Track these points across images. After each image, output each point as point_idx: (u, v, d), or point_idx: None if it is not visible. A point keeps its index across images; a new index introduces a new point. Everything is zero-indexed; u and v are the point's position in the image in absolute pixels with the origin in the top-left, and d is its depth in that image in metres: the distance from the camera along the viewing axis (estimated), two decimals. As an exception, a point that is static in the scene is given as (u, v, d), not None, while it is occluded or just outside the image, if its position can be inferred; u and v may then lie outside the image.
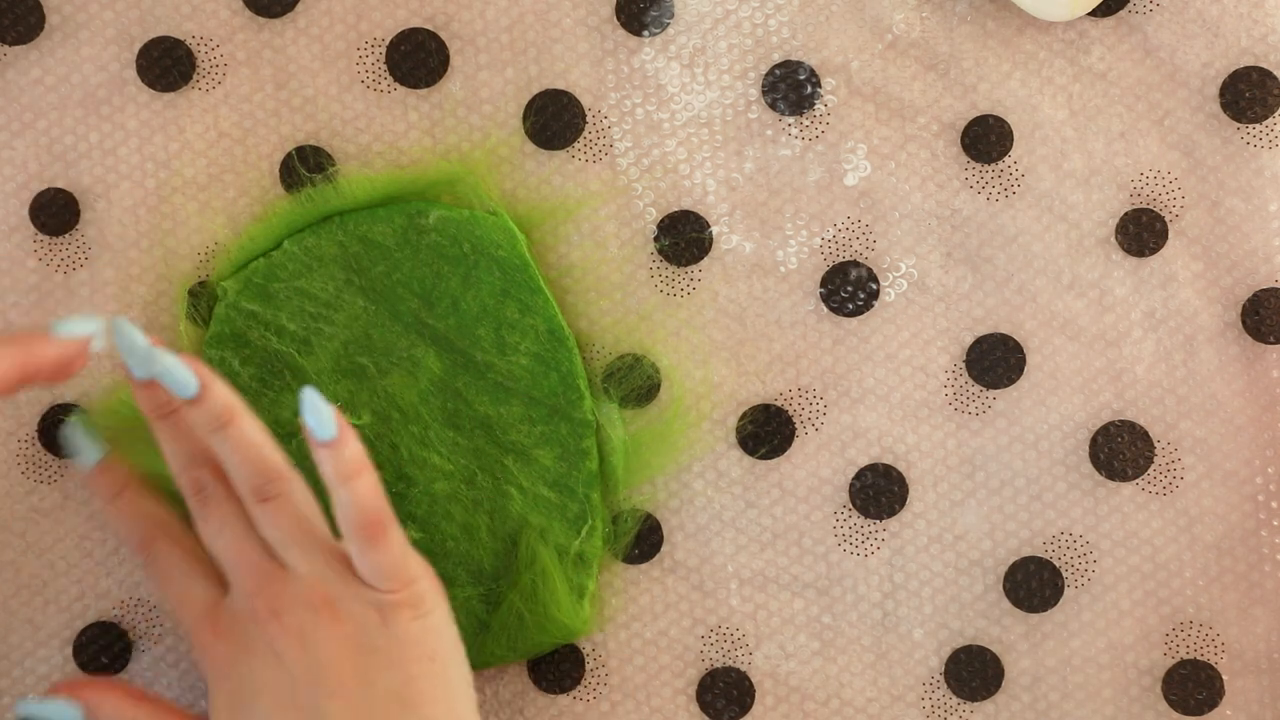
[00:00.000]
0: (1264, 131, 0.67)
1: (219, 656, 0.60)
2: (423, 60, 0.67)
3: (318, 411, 0.58)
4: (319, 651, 0.59)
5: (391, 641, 0.59)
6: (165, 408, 0.61)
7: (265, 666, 0.59)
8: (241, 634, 0.60)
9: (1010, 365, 0.67)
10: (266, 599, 0.60)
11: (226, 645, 0.60)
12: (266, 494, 0.60)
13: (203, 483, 0.62)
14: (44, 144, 0.67)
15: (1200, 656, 0.67)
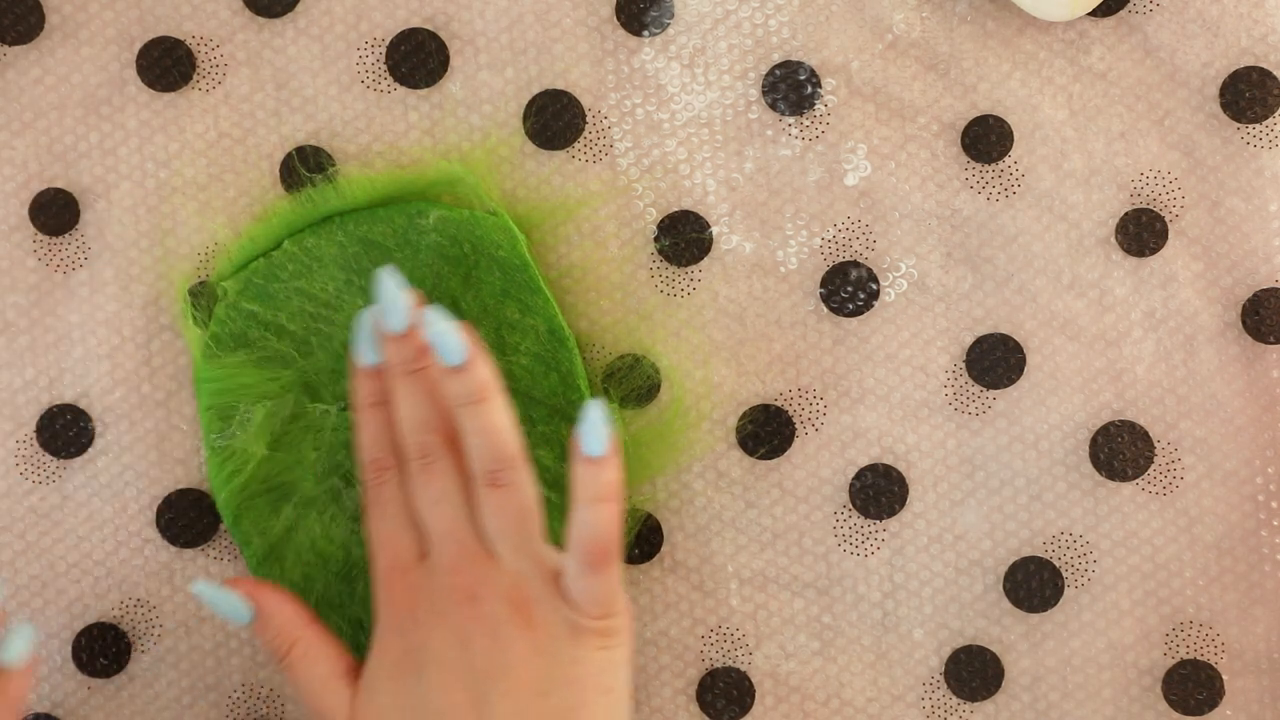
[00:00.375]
0: (1264, 131, 0.67)
1: (400, 612, 0.60)
2: (423, 60, 0.67)
3: (596, 428, 0.59)
4: (507, 648, 0.59)
5: (575, 663, 0.59)
6: (412, 364, 0.61)
7: (447, 643, 0.59)
8: (431, 601, 0.60)
9: (1010, 365, 0.67)
10: (468, 580, 0.60)
11: (413, 605, 0.60)
12: (500, 480, 0.60)
13: (430, 448, 0.62)
14: (44, 144, 0.67)
15: (1200, 656, 0.67)
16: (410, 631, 0.60)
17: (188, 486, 0.67)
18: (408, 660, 0.60)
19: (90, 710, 0.67)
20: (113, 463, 0.67)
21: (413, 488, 0.62)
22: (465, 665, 0.59)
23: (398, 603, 0.61)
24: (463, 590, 0.60)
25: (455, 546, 0.60)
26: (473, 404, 0.60)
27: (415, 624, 0.60)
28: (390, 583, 0.61)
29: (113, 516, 0.67)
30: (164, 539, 0.67)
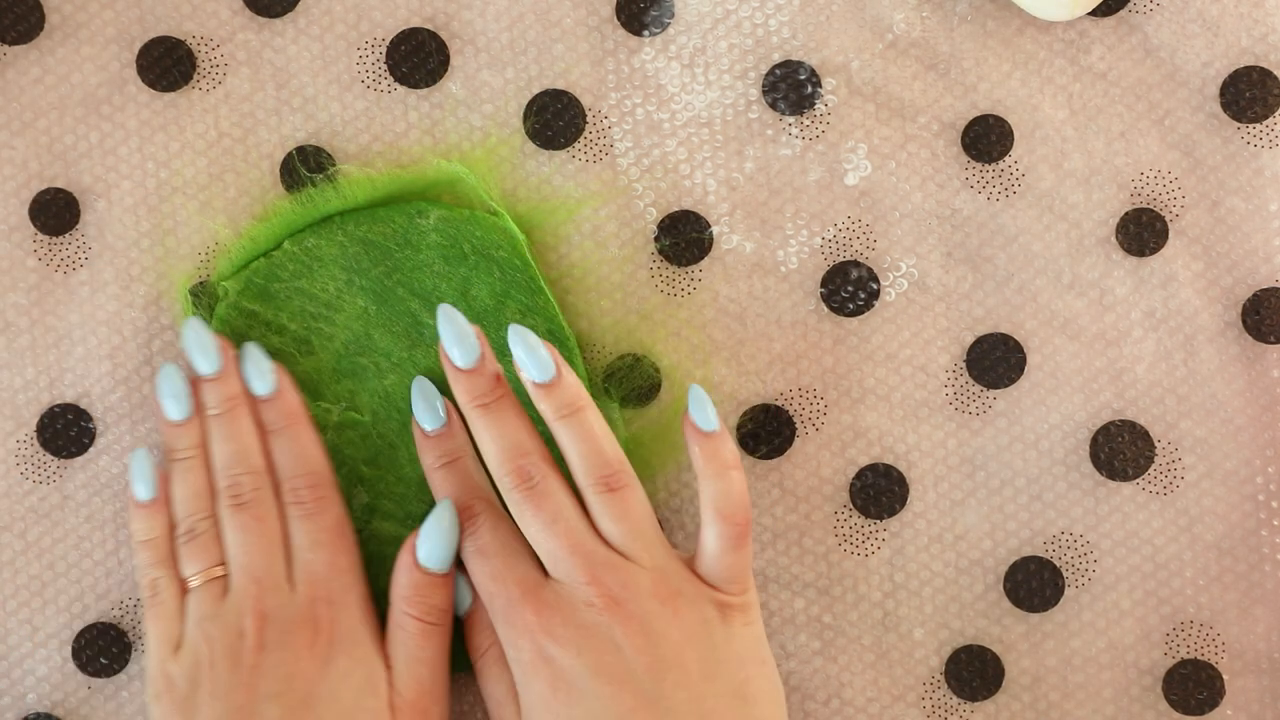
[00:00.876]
0: (1264, 131, 0.67)
1: (536, 637, 0.60)
2: (423, 60, 0.67)
3: (704, 405, 0.61)
4: (663, 643, 0.59)
5: (729, 641, 0.60)
6: (488, 396, 0.62)
7: (601, 652, 0.59)
8: (571, 618, 0.59)
9: (1011, 365, 0.67)
10: (607, 587, 0.59)
11: (550, 626, 0.60)
12: (615, 483, 0.61)
13: (530, 471, 0.61)
14: (44, 144, 0.67)
15: (1201, 656, 0.67)
16: (556, 654, 0.59)
17: (188, 486, 0.67)
18: (563, 684, 0.59)
19: (90, 710, 0.67)
20: (113, 463, 0.67)
21: (521, 515, 0.61)
22: (625, 669, 0.59)
23: (531, 628, 0.60)
24: (604, 597, 0.59)
25: (583, 558, 0.60)
26: (570, 415, 0.61)
27: (559, 643, 0.59)
28: (519, 613, 0.60)
29: (113, 516, 0.67)
30: (164, 539, 0.67)
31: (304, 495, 0.63)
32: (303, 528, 0.63)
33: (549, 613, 0.60)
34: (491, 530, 0.62)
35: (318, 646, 0.61)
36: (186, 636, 0.62)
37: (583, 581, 0.60)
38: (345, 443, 0.66)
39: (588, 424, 0.61)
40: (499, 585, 0.61)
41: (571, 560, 0.60)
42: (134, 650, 0.67)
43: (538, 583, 0.61)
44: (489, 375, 0.62)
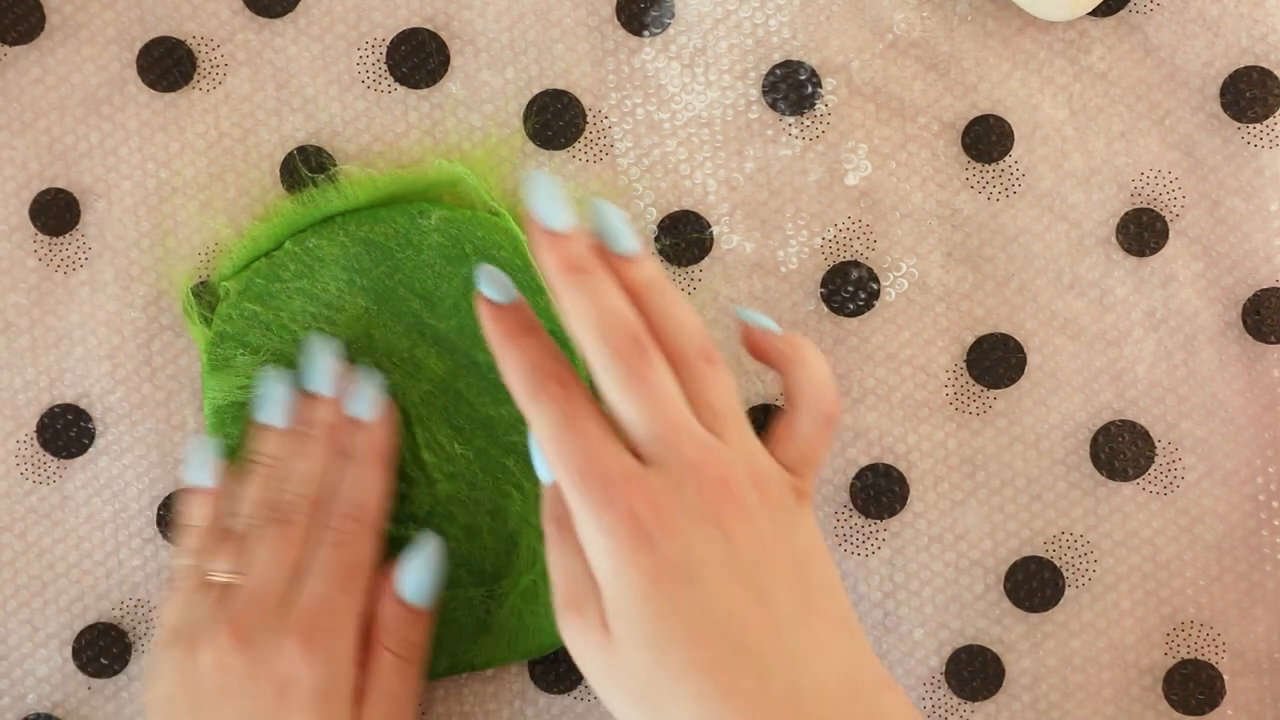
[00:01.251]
0: (1264, 131, 0.67)
1: (644, 524, 0.54)
2: (423, 60, 0.67)
3: (757, 319, 0.59)
4: (762, 530, 0.55)
5: (804, 528, 0.56)
6: (584, 261, 0.57)
7: (708, 540, 0.54)
8: (680, 505, 0.54)
9: (1011, 365, 0.67)
10: (719, 470, 0.55)
11: (658, 512, 0.54)
12: (713, 356, 0.57)
13: (641, 338, 0.56)
14: (44, 144, 0.67)
15: (1201, 656, 0.67)
16: (665, 541, 0.54)
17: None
18: (672, 572, 0.53)
19: (90, 710, 0.67)
20: (113, 463, 0.67)
21: (624, 390, 0.55)
22: (733, 558, 0.54)
23: (638, 515, 0.54)
24: (718, 482, 0.54)
25: (689, 438, 0.55)
26: (659, 289, 0.57)
27: (666, 532, 0.54)
28: (619, 499, 0.54)
29: (113, 516, 0.67)
30: (164, 539, 0.67)
31: (343, 524, 0.63)
32: (322, 555, 0.62)
33: (657, 501, 0.54)
34: (586, 401, 0.56)
35: (279, 688, 0.60)
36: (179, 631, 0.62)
37: (691, 465, 0.54)
38: None
39: (677, 296, 0.57)
40: (592, 464, 0.55)
41: (680, 443, 0.55)
42: (134, 650, 0.67)
43: (638, 468, 0.55)
44: (584, 242, 0.57)
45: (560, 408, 0.56)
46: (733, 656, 0.53)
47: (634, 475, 0.54)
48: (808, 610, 0.54)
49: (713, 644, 0.53)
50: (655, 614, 0.53)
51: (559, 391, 0.56)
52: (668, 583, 0.53)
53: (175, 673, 0.61)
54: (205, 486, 0.64)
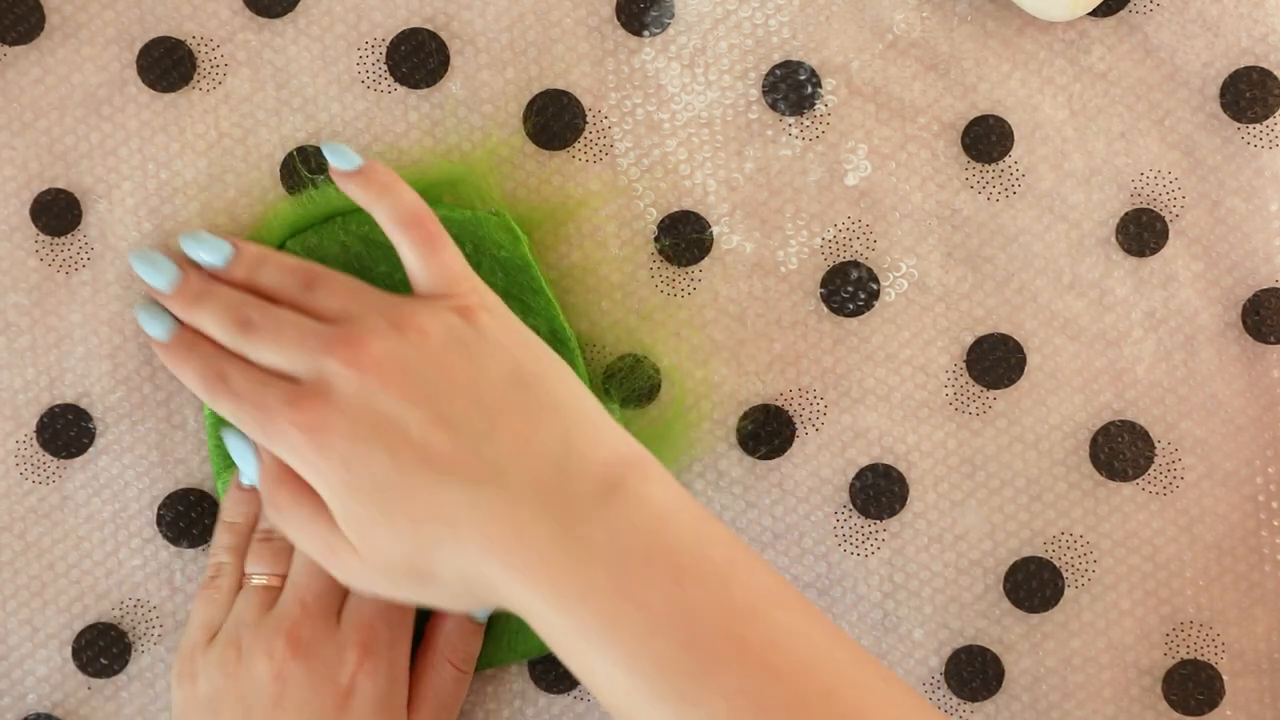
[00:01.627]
0: (1264, 131, 0.67)
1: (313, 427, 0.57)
2: (423, 60, 0.67)
3: (339, 152, 0.62)
4: (416, 368, 0.57)
5: (482, 337, 0.58)
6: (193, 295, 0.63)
7: (373, 401, 0.57)
8: (333, 393, 0.57)
9: (1010, 365, 0.67)
10: (344, 348, 0.58)
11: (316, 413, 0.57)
12: (310, 277, 0.62)
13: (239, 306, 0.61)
14: (45, 144, 0.67)
15: (1200, 656, 0.67)
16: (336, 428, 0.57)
17: (189, 486, 0.67)
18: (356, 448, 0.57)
19: (90, 710, 0.67)
20: (113, 463, 0.67)
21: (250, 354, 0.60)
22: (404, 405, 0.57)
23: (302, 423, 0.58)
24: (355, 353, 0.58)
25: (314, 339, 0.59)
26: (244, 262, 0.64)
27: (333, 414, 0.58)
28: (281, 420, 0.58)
29: (113, 516, 0.67)
30: (164, 539, 0.67)
31: None
32: None
33: (308, 401, 0.57)
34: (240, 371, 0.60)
35: (340, 699, 0.61)
36: (221, 633, 0.62)
37: (323, 355, 0.58)
38: None
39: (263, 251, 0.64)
40: (254, 407, 0.59)
41: (302, 348, 0.59)
42: (134, 650, 0.67)
43: (287, 387, 0.58)
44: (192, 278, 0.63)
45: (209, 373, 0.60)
46: (442, 490, 0.55)
47: (281, 394, 0.58)
48: (499, 411, 0.56)
49: (418, 488, 0.56)
50: (360, 495, 0.56)
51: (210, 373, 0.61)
52: (357, 462, 0.56)
53: (223, 676, 0.61)
54: (248, 485, 0.65)
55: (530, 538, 0.54)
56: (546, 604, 0.54)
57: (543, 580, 0.54)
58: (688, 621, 0.53)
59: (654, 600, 0.53)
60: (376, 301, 0.60)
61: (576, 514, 0.54)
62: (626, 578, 0.53)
